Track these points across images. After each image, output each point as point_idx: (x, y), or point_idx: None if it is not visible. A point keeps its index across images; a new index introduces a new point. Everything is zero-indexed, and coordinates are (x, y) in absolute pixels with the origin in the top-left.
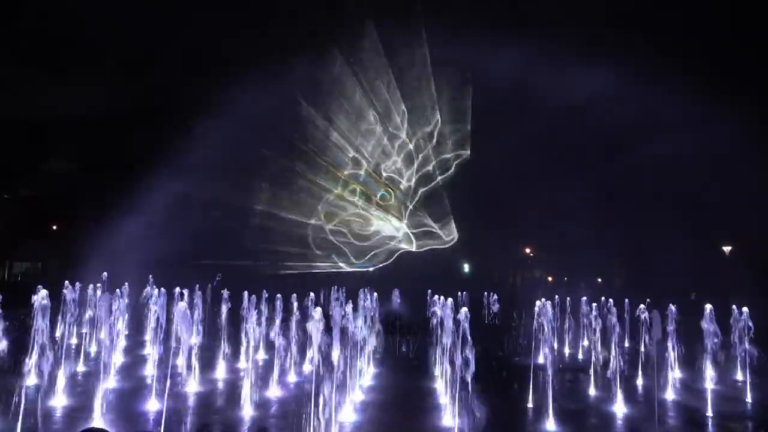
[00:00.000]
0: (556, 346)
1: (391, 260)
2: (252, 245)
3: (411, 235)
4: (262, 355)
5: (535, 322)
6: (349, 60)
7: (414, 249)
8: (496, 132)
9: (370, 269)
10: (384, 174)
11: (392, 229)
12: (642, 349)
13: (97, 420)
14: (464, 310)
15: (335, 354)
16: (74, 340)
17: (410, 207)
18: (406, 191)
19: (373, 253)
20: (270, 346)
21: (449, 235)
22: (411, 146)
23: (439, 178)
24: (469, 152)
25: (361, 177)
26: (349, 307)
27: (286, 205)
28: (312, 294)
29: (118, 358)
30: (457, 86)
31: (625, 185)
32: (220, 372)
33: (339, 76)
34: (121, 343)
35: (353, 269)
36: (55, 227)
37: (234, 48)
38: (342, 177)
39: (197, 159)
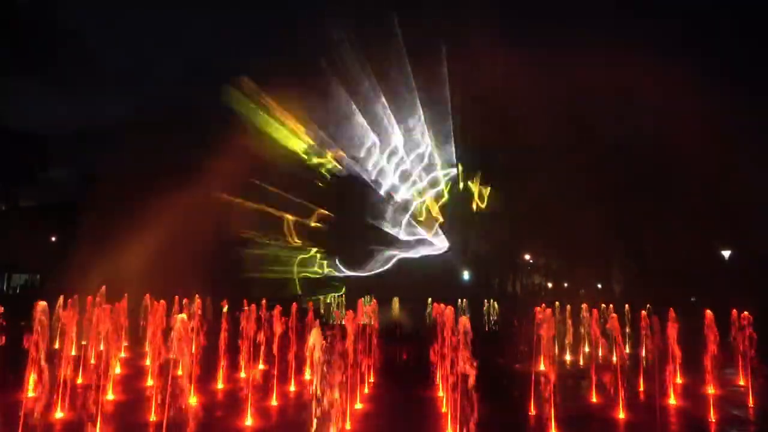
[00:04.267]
0: (556, 352)
1: (390, 266)
2: (251, 252)
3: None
4: (261, 366)
5: (535, 329)
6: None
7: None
8: (494, 141)
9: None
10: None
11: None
12: (643, 354)
13: None
14: (464, 318)
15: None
16: (73, 352)
17: (407, 218)
18: (404, 204)
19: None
20: (269, 356)
21: (442, 242)
22: (407, 163)
23: (432, 191)
24: (457, 168)
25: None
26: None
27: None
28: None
29: (117, 370)
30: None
31: (625, 190)
32: (220, 382)
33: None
34: (120, 354)
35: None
36: (54, 239)
37: (230, 60)
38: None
39: (199, 168)
